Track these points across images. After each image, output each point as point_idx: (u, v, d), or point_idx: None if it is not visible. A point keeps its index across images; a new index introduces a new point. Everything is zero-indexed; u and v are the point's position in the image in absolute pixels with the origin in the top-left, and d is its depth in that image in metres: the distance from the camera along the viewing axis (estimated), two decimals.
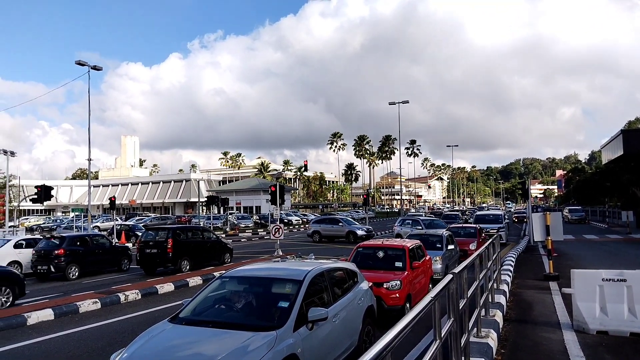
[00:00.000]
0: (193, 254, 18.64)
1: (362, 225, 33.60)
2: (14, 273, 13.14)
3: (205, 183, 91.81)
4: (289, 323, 5.23)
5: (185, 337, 5.28)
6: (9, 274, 12.78)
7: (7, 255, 17.61)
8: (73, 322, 10.27)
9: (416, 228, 25.66)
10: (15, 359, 7.83)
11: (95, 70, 30.45)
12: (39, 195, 26.25)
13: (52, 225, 50.41)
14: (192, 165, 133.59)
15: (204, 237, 20.19)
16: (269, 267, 7.23)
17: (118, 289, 13.50)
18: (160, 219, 56.36)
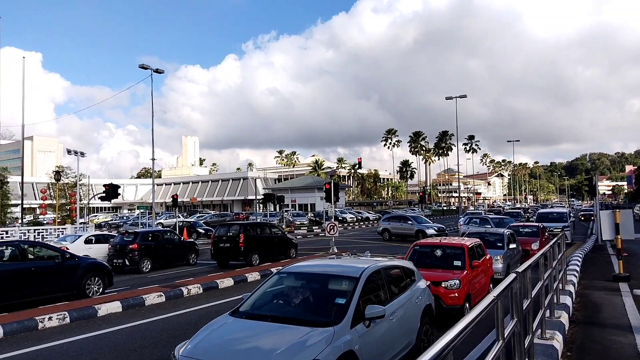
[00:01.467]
0: (262, 249, 19.60)
1: (433, 224, 31.92)
2: (105, 265, 14.49)
3: (261, 181, 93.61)
4: (346, 319, 5.25)
5: (246, 331, 5.42)
6: (101, 266, 14.06)
7: (79, 251, 18.68)
8: (139, 315, 10.78)
9: (485, 227, 23.69)
10: (85, 348, 8.31)
11: (157, 73, 31.75)
12: (107, 193, 27.70)
13: (119, 222, 53.10)
14: (249, 163, 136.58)
15: (272, 233, 21.11)
16: (325, 264, 7.28)
17: (181, 283, 14.05)
18: (219, 216, 58.01)
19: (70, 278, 12.77)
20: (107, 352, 7.95)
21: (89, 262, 13.77)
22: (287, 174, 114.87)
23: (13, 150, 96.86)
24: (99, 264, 14.18)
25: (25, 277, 11.78)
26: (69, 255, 13.30)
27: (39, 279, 12.04)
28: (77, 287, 12.90)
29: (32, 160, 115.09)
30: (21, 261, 12.01)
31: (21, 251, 12.19)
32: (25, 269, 11.87)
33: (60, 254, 13.09)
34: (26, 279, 11.79)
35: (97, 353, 7.92)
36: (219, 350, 5.01)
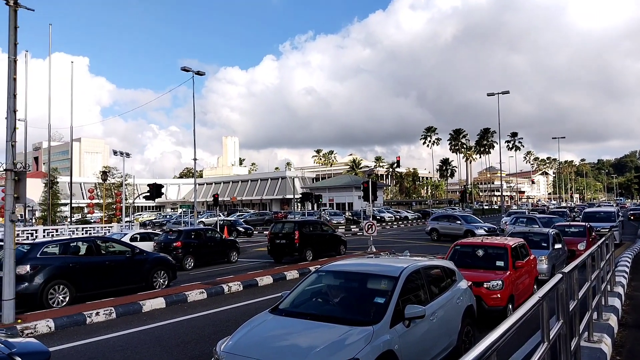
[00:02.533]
0: (315, 245, 20.56)
1: (484, 223, 30.79)
2: (170, 259, 15.25)
3: (299, 180, 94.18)
4: (385, 319, 5.23)
5: (285, 328, 5.48)
6: (166, 260, 14.91)
7: None
8: (182, 311, 11.07)
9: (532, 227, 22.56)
10: (130, 343, 8.60)
11: (198, 75, 32.42)
12: (151, 192, 28.53)
13: (163, 221, 54.63)
14: (287, 163, 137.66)
15: (323, 230, 22.02)
16: (364, 263, 7.25)
17: (222, 280, 14.32)
18: (258, 215, 58.77)
19: (139, 271, 13.75)
20: (151, 347, 8.20)
21: (155, 257, 14.73)
22: (325, 173, 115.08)
23: (62, 152, 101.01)
24: (165, 258, 15.05)
25: (101, 270, 12.80)
26: (138, 251, 14.22)
27: (113, 272, 13.08)
28: (146, 279, 13.86)
29: (80, 161, 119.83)
30: (97, 255, 13.00)
31: (96, 246, 13.21)
32: (101, 263, 12.90)
33: (131, 249, 14.12)
34: (102, 271, 12.81)
35: (142, 347, 8.18)
36: (260, 346, 5.07)
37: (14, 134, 10.02)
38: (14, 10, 10.19)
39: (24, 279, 11.27)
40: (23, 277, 11.24)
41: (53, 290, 11.67)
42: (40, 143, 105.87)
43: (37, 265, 11.60)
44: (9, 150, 9.93)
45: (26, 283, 11.28)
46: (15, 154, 10.10)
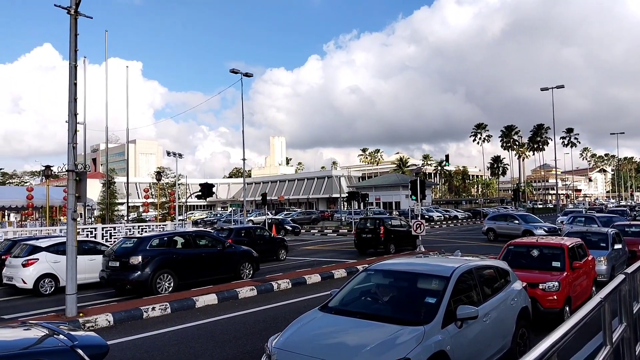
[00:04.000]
0: (395, 240, 22.44)
1: (544, 223, 29.23)
2: (254, 253, 16.11)
3: (345, 179, 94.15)
4: (436, 319, 5.15)
5: (335, 326, 5.49)
6: (251, 254, 15.87)
7: None
8: (233, 307, 11.31)
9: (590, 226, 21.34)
10: (185, 337, 8.87)
11: (246, 77, 33.04)
12: (203, 192, 29.27)
13: (213, 219, 56.03)
14: (332, 162, 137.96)
15: (402, 227, 24.00)
16: (413, 262, 7.15)
17: (272, 277, 14.54)
18: (305, 213, 59.26)
19: (229, 263, 14.97)
20: (205, 342, 8.43)
21: (242, 250, 15.76)
22: (371, 172, 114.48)
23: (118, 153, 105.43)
24: (250, 251, 15.93)
25: (198, 261, 14.15)
26: (228, 244, 15.45)
27: (208, 263, 14.40)
28: (234, 270, 14.98)
29: (135, 162, 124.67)
30: (194, 248, 14.39)
31: (193, 240, 14.72)
32: (198, 255, 14.27)
33: (222, 242, 15.33)
34: (199, 262, 14.15)
35: (196, 342, 8.42)
36: (310, 343, 5.11)
37: (74, 136, 10.52)
38: (74, 18, 10.67)
39: (137, 269, 12.79)
40: (136, 266, 12.80)
41: (160, 279, 13.07)
42: (97, 145, 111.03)
43: (147, 256, 13.01)
44: (70, 152, 10.44)
45: (139, 272, 12.76)
46: (76, 156, 10.61)
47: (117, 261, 13.16)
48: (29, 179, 79.94)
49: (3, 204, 28.69)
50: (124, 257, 13.07)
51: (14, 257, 14.39)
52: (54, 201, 27.26)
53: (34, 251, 14.27)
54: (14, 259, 14.34)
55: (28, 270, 13.81)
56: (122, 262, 13.02)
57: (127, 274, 12.82)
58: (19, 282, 13.80)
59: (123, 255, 13.21)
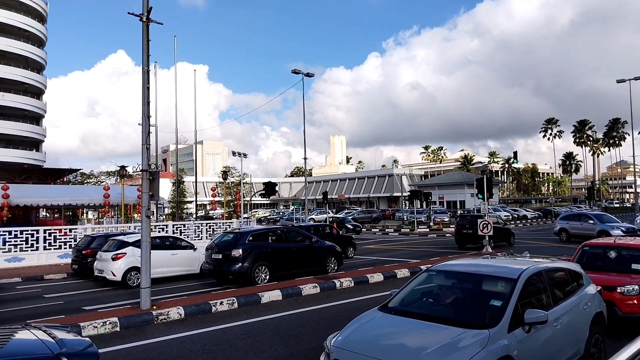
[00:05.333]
0: (494, 236, 22.98)
1: (621, 223, 27.38)
2: (337, 247, 16.99)
3: (407, 177, 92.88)
4: (502, 323, 4.96)
5: (395, 327, 5.42)
6: (336, 249, 16.85)
7: None
8: (297, 303, 11.50)
9: None
10: (251, 331, 9.14)
11: (307, 77, 33.38)
12: (266, 190, 29.98)
13: (276, 217, 57.10)
14: (393, 160, 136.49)
15: (498, 224, 25.94)
16: (478, 264, 6.90)
17: (335, 275, 14.65)
18: (366, 212, 59.06)
19: (316, 257, 15.97)
20: (270, 337, 8.65)
21: (327, 245, 16.67)
22: (434, 170, 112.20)
23: (187, 154, 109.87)
24: (334, 246, 16.83)
25: (290, 254, 15.38)
26: (315, 240, 16.41)
27: (298, 257, 15.56)
28: (321, 264, 15.98)
29: (203, 162, 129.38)
30: (285, 242, 15.67)
31: (284, 235, 16.06)
32: (290, 249, 15.54)
33: (309, 238, 16.24)
34: (290, 256, 15.38)
35: (262, 336, 8.66)
36: (369, 343, 5.06)
37: (148, 138, 11.10)
38: (146, 25, 11.24)
39: (238, 261, 14.02)
40: (237, 259, 14.04)
41: (258, 270, 14.22)
42: (167, 146, 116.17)
43: (246, 249, 14.22)
44: (144, 153, 11.02)
45: (240, 264, 14.00)
46: (149, 156, 11.19)
47: (220, 254, 14.49)
48: (105, 179, 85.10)
49: (82, 202, 30.74)
50: (226, 250, 14.34)
51: (104, 252, 15.55)
52: (129, 199, 28.87)
53: (122, 246, 15.40)
54: (104, 253, 15.48)
55: (117, 263, 14.92)
56: (224, 255, 14.32)
57: (229, 266, 14.11)
58: (109, 274, 14.92)
59: (225, 248, 14.49)
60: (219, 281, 14.91)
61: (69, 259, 21.45)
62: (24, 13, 60.49)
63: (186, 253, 16.51)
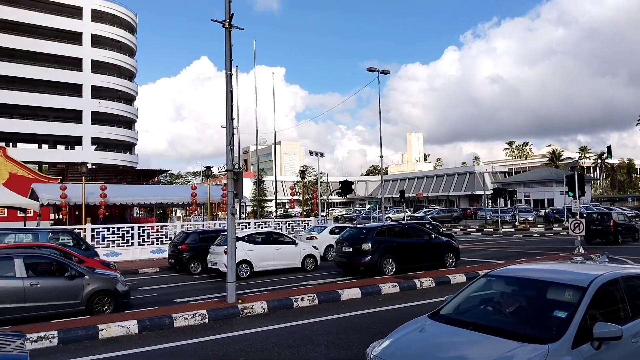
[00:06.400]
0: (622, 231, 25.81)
1: None
2: (453, 243, 17.47)
3: (489, 175, 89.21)
4: (566, 337, 4.39)
5: (442, 337, 5.01)
6: (454, 245, 17.30)
7: (325, 240, 21.15)
8: (376, 302, 11.45)
9: None
10: (331, 328, 9.23)
11: (383, 74, 33.08)
12: (343, 189, 30.14)
13: (353, 216, 57.22)
14: (474, 157, 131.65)
15: (624, 220, 27.18)
16: (547, 269, 6.22)
17: (414, 275, 14.41)
18: (446, 211, 57.56)
19: (435, 252, 16.60)
20: (350, 334, 8.68)
21: (445, 241, 17.23)
22: (519, 167, 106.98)
23: (266, 154, 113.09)
24: (451, 243, 17.35)
25: (411, 249, 16.22)
26: (434, 236, 17.09)
27: (419, 251, 16.35)
28: (440, 259, 16.56)
29: (281, 161, 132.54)
30: (407, 238, 16.50)
31: (406, 231, 16.89)
32: (411, 244, 16.37)
33: (429, 234, 17.01)
34: (412, 250, 16.20)
35: (342, 333, 8.71)
36: (410, 355, 4.76)
37: (232, 139, 11.54)
38: (228, 31, 11.69)
39: (368, 253, 15.27)
40: (367, 252, 15.30)
41: (385, 263, 15.33)
42: (248, 147, 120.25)
43: (375, 243, 15.40)
44: (228, 153, 11.48)
45: (370, 256, 15.23)
46: (233, 157, 11.64)
47: (350, 247, 15.85)
48: (191, 179, 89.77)
49: (172, 201, 32.63)
50: (356, 244, 15.60)
51: (217, 246, 16.77)
52: (214, 198, 30.23)
53: None
54: (216, 247, 16.71)
55: None
56: (354, 248, 15.62)
57: (359, 258, 15.39)
58: (222, 267, 15.86)
59: (355, 242, 15.77)
60: (347, 272, 16.20)
61: (160, 254, 22.92)
62: (117, 25, 65.35)
63: (289, 248, 17.55)
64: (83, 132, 60.61)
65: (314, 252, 18.13)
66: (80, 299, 10.52)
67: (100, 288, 10.83)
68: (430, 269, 15.63)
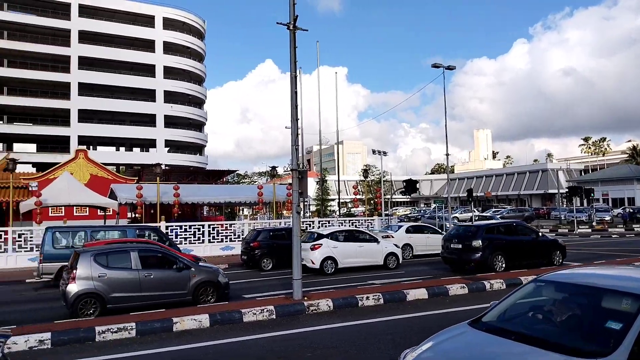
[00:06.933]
0: None
1: None
2: (559, 241, 17.50)
3: (563, 173, 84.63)
4: (619, 351, 3.89)
5: (480, 347, 4.61)
6: (557, 242, 17.42)
7: (402, 239, 21.11)
8: (444, 303, 11.21)
9: None
10: (397, 327, 9.14)
11: (448, 70, 32.31)
12: (407, 188, 29.75)
13: (417, 215, 56.27)
14: (547, 154, 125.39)
15: None
16: (604, 274, 5.60)
17: (483, 277, 14.00)
18: (517, 211, 55.24)
19: (543, 250, 16.79)
20: (414, 334, 8.53)
21: (552, 239, 17.50)
22: (595, 164, 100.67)
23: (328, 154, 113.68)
24: (557, 241, 17.51)
25: (518, 247, 16.45)
26: (542, 234, 17.44)
27: (527, 249, 16.56)
28: (548, 257, 16.71)
29: (343, 161, 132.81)
30: (514, 235, 16.82)
31: (514, 229, 17.20)
32: (519, 241, 16.65)
33: (536, 232, 17.33)
34: (519, 248, 16.45)
35: (407, 333, 8.62)
36: None
37: (296, 139, 11.74)
38: (293, 33, 11.89)
39: (479, 250, 15.77)
40: (477, 249, 15.80)
41: (495, 259, 15.80)
42: (311, 147, 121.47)
43: (485, 240, 15.91)
44: (293, 153, 11.68)
45: (480, 253, 15.74)
46: (298, 157, 11.82)
47: (459, 244, 16.34)
48: (257, 179, 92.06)
49: (240, 200, 33.55)
50: (467, 241, 16.11)
51: (304, 242, 17.27)
52: (279, 197, 30.82)
53: (317, 238, 17.41)
54: (303, 244, 17.08)
55: (315, 253, 16.96)
56: (464, 245, 16.12)
57: (469, 255, 15.95)
58: (309, 262, 16.84)
59: (465, 239, 16.26)
60: (455, 269, 16.77)
61: (229, 251, 23.74)
62: (186, 32, 68.27)
63: (371, 246, 17.94)
64: (157, 135, 63.85)
65: (396, 250, 18.37)
66: (187, 289, 11.44)
67: (204, 279, 11.69)
68: (536, 267, 15.71)
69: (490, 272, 15.10)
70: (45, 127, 58.95)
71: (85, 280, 10.46)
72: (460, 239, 16.43)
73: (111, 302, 10.57)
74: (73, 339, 8.47)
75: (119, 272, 10.80)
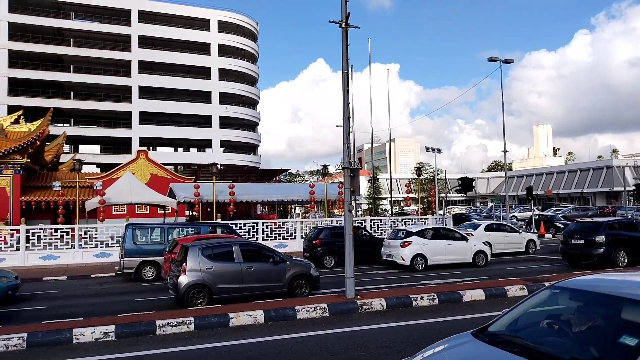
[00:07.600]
0: None
1: None
2: None
3: (630, 169, 79.78)
4: None
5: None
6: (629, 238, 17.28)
7: (481, 237, 20.68)
8: (502, 305, 10.78)
9: None
10: (453, 329, 8.90)
11: (506, 64, 31.25)
12: (462, 186, 29.04)
13: (473, 215, 54.83)
14: (612, 150, 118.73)
15: None
16: (629, 280, 4.97)
17: (544, 278, 13.42)
18: (580, 209, 52.64)
19: None
20: None
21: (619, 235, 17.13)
22: None
23: (380, 152, 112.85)
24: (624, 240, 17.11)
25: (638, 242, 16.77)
26: None
27: None
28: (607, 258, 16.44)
29: (395, 159, 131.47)
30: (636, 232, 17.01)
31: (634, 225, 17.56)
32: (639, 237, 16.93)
33: None
34: None
35: None
36: None
37: (348, 137, 11.70)
38: (345, 30, 11.85)
39: (602, 245, 16.23)
40: (600, 244, 16.26)
41: (617, 255, 16.21)
42: (362, 145, 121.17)
43: (608, 236, 16.28)
44: (345, 151, 11.65)
45: (603, 248, 16.20)
46: (350, 155, 11.78)
47: (582, 239, 16.84)
48: (308, 178, 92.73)
49: (292, 198, 33.92)
50: (589, 236, 16.56)
51: (392, 239, 18.04)
52: (330, 195, 30.90)
53: (407, 235, 17.57)
54: (392, 241, 17.99)
55: (405, 250, 17.18)
56: (587, 240, 16.59)
57: (592, 250, 16.41)
58: (399, 259, 17.21)
59: (587, 234, 16.68)
60: (574, 263, 17.26)
61: (282, 249, 23.95)
62: (240, 34, 69.82)
63: (460, 243, 17.99)
64: (212, 135, 65.71)
65: (485, 249, 18.28)
66: (283, 281, 12.11)
67: (298, 272, 12.35)
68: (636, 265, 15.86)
69: (612, 267, 15.41)
70: (109, 129, 62.10)
71: (195, 272, 11.22)
72: (582, 234, 16.82)
73: (217, 292, 11.33)
74: (135, 331, 8.85)
75: (223, 265, 11.55)
